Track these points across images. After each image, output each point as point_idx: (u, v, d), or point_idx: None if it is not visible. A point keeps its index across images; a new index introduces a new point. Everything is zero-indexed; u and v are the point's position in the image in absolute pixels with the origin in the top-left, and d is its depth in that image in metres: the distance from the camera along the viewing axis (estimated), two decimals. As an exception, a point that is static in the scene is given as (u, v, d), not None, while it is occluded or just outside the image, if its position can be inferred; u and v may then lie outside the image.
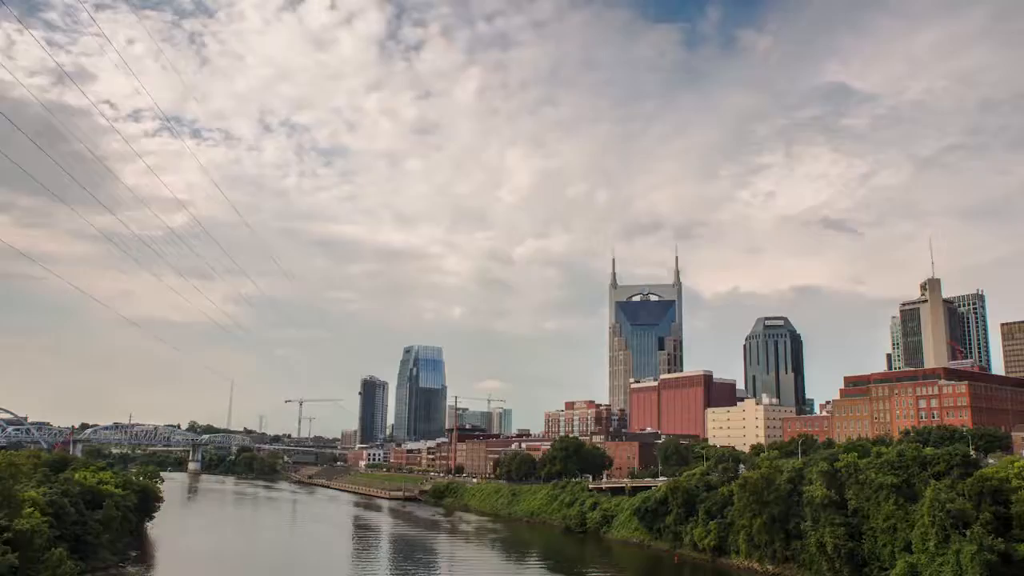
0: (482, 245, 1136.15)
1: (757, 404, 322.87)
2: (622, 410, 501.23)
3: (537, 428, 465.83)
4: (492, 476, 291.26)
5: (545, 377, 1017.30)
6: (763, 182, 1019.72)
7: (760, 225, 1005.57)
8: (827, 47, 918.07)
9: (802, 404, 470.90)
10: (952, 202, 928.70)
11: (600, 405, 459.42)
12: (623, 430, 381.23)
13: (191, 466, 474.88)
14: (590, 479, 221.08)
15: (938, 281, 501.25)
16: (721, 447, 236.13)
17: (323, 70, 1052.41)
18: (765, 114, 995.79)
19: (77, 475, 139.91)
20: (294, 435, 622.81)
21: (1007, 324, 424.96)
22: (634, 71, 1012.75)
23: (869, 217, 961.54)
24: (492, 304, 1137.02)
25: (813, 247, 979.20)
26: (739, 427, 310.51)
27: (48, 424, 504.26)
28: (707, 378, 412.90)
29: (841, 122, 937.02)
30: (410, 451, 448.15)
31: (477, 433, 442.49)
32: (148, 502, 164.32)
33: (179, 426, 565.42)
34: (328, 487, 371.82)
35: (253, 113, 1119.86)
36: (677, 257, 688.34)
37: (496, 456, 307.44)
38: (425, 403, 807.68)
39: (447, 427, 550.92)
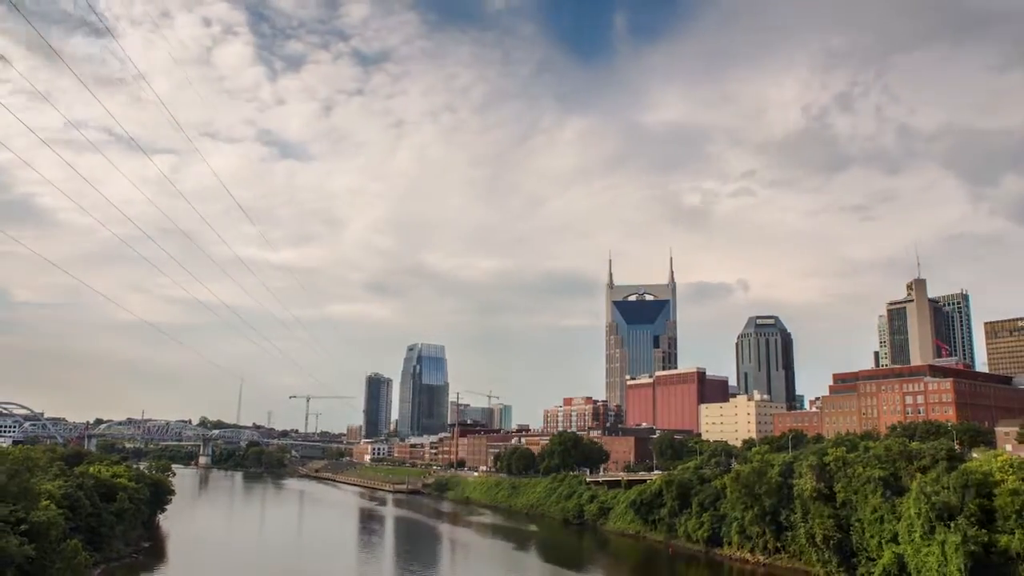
0: (486, 266, 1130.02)
1: (749, 400, 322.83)
2: (618, 406, 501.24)
3: (536, 423, 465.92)
4: (493, 470, 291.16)
5: (544, 374, 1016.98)
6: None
7: (754, 226, 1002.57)
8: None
9: (792, 400, 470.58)
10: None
11: (597, 401, 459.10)
12: (619, 425, 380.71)
13: (202, 460, 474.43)
14: (587, 473, 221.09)
15: (923, 281, 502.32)
16: (714, 442, 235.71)
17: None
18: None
19: (92, 469, 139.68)
20: (301, 430, 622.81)
21: (990, 323, 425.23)
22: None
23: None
24: (493, 303, 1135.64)
25: (805, 247, 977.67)
26: (731, 422, 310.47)
27: (64, 420, 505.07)
28: (700, 375, 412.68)
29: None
30: (413, 446, 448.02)
31: (478, 428, 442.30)
32: (160, 495, 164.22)
33: (190, 421, 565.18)
34: (334, 481, 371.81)
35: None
36: (672, 259, 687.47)
37: (497, 450, 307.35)
38: (428, 399, 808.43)
39: (449, 422, 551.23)
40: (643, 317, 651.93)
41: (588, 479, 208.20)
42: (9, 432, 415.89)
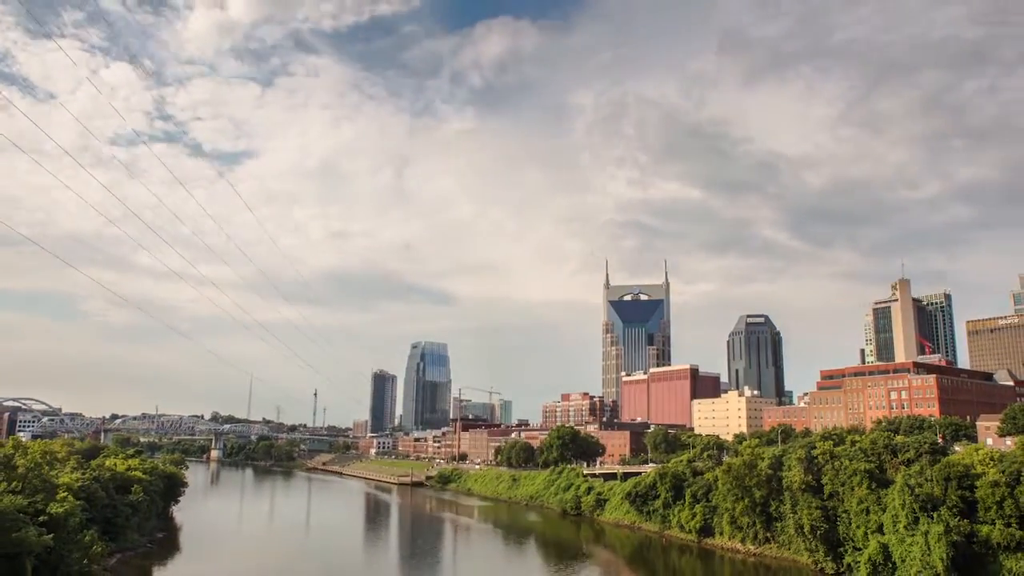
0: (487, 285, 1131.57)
1: (740, 396, 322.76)
2: (614, 401, 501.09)
3: (536, 418, 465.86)
4: (494, 463, 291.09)
5: (543, 371, 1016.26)
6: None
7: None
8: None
9: (781, 396, 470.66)
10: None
11: (594, 397, 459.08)
12: (615, 420, 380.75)
13: (214, 454, 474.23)
14: (585, 465, 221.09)
15: (907, 282, 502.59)
16: (706, 436, 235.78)
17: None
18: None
19: (108, 462, 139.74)
20: (309, 424, 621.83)
21: (972, 321, 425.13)
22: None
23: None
24: (494, 303, 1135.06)
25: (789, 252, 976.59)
26: (723, 417, 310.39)
27: (80, 415, 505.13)
28: (693, 372, 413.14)
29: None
30: (417, 440, 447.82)
31: (480, 423, 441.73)
32: (174, 487, 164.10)
33: (202, 416, 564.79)
34: (341, 473, 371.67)
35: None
36: (666, 260, 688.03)
37: (497, 444, 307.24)
38: (431, 395, 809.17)
39: (452, 417, 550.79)
40: (638, 316, 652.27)
41: (585, 472, 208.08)
42: (28, 427, 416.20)
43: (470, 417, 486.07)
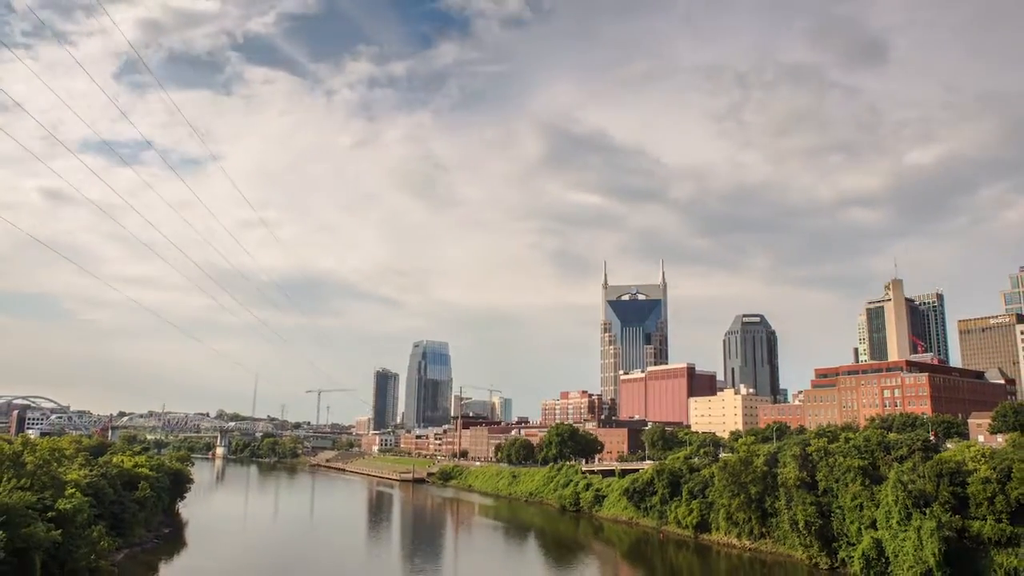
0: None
1: (735, 394, 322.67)
2: (612, 399, 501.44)
3: (535, 416, 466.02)
4: (494, 459, 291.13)
5: (543, 370, 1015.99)
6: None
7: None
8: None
9: (776, 394, 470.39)
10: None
11: (592, 395, 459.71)
12: (613, 417, 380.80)
13: (219, 451, 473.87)
14: (583, 462, 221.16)
15: (900, 282, 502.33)
16: (703, 433, 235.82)
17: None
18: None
19: (115, 459, 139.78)
20: (313, 422, 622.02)
21: (964, 321, 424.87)
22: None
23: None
24: (495, 303, 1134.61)
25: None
26: (719, 415, 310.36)
27: (88, 412, 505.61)
28: (690, 370, 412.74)
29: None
30: (419, 437, 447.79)
31: (480, 420, 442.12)
32: (180, 484, 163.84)
33: (208, 414, 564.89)
34: (344, 470, 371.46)
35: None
36: (663, 260, 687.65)
37: (497, 441, 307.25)
38: (432, 393, 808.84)
39: (453, 415, 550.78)
40: (636, 316, 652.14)
41: (584, 468, 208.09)
42: (37, 424, 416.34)
43: (471, 415, 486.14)
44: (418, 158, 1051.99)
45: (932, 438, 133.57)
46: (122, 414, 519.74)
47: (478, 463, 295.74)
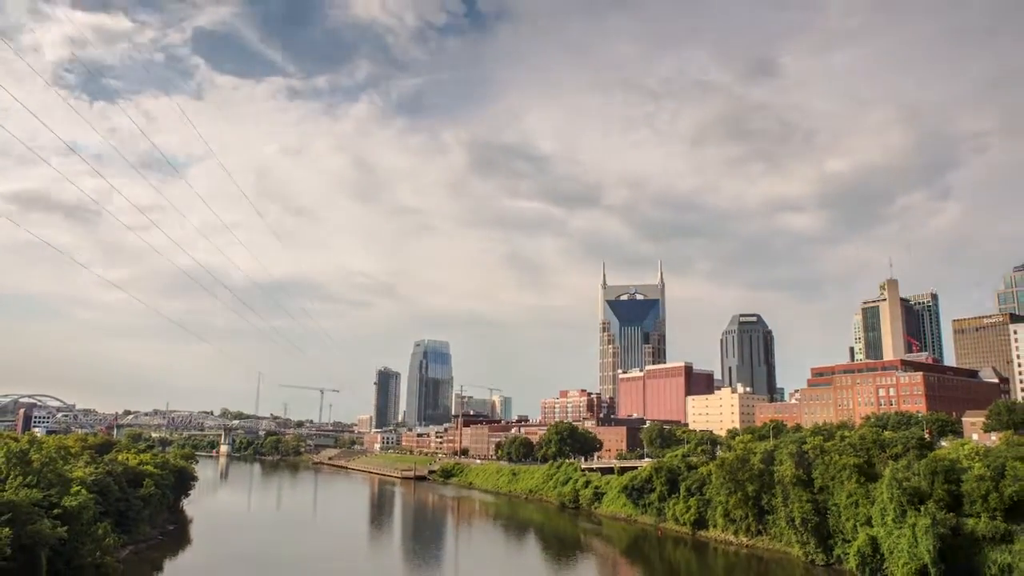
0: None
1: (733, 392, 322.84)
2: (611, 398, 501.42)
3: (535, 414, 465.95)
4: (494, 457, 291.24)
5: (542, 369, 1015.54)
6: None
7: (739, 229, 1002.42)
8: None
9: (773, 393, 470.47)
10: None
11: (591, 394, 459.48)
12: (612, 416, 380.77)
13: (223, 449, 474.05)
14: (583, 460, 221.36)
15: (895, 282, 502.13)
16: (700, 431, 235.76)
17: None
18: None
19: (120, 457, 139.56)
20: (316, 420, 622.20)
21: (958, 320, 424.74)
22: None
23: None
24: (495, 302, 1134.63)
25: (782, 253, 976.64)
26: (716, 413, 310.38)
27: (93, 411, 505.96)
28: (688, 369, 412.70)
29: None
30: (420, 435, 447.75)
31: (480, 419, 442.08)
32: (184, 481, 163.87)
33: (212, 412, 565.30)
34: (346, 467, 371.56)
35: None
36: (661, 260, 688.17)
37: (498, 439, 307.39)
38: (433, 392, 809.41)
39: (453, 413, 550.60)
40: (634, 315, 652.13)
41: (583, 466, 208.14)
42: (43, 422, 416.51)
43: (471, 413, 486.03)
44: (351, 165, 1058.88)
45: (927, 436, 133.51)
46: (127, 412, 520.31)
47: (479, 461, 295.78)
